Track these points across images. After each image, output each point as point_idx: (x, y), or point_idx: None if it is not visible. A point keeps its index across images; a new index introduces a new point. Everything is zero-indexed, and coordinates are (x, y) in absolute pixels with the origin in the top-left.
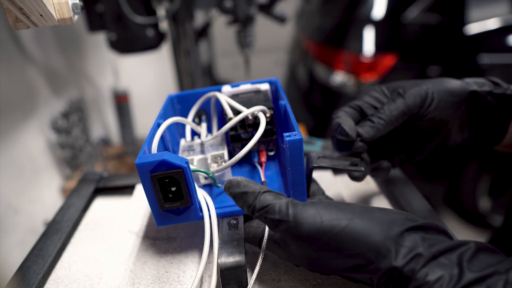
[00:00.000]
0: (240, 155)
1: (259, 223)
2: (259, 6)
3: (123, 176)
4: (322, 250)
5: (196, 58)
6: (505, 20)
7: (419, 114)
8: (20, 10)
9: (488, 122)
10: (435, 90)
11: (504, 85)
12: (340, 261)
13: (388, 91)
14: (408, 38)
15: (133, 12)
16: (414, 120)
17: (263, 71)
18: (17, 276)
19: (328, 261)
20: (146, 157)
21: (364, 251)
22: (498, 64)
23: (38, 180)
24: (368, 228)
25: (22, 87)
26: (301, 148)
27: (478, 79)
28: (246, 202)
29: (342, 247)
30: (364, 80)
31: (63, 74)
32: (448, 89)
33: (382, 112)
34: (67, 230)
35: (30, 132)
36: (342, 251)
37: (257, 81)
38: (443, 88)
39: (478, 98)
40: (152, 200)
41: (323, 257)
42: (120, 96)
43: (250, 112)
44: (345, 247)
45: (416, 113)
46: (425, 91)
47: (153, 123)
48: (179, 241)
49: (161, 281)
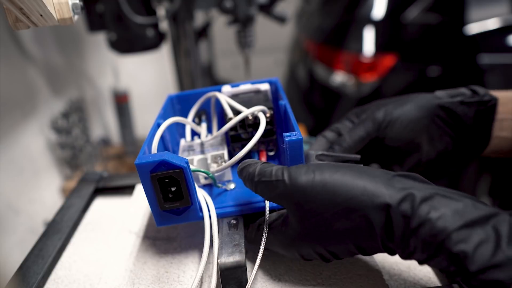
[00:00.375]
0: (240, 155)
1: (260, 221)
2: (259, 6)
3: (123, 176)
4: (319, 207)
5: (196, 58)
6: (505, 20)
7: (380, 136)
8: (20, 10)
9: (465, 132)
10: (394, 111)
11: (482, 91)
12: (339, 222)
13: (357, 115)
14: (408, 38)
15: (133, 12)
16: (380, 141)
17: (263, 71)
18: (17, 276)
19: (327, 225)
20: (146, 157)
21: (357, 195)
22: (498, 64)
23: (38, 180)
24: (359, 176)
25: (22, 87)
26: (301, 148)
27: (454, 90)
28: (247, 172)
29: (336, 197)
30: (364, 80)
31: (63, 74)
32: (410, 107)
33: (342, 140)
34: (67, 230)
35: (30, 132)
36: (337, 201)
37: (257, 81)
38: (405, 107)
39: (447, 110)
40: (152, 200)
41: (321, 220)
42: (120, 96)
43: (250, 112)
44: (339, 196)
45: (377, 136)
46: (381, 115)
47: (153, 123)
48: (179, 241)
49: (161, 281)
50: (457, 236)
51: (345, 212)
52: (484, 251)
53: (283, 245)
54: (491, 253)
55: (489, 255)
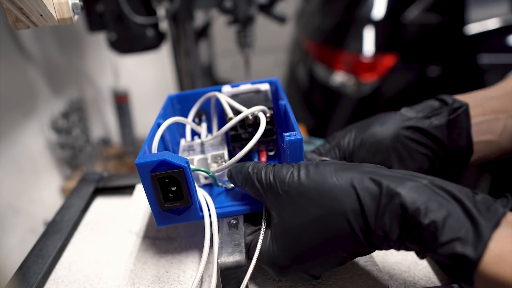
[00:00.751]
0: (240, 155)
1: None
2: (259, 6)
3: (123, 176)
4: (308, 202)
5: (196, 58)
6: (505, 20)
7: (347, 160)
8: (20, 10)
9: (441, 145)
10: (357, 136)
11: (449, 99)
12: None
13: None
14: (408, 38)
15: (133, 12)
16: None
17: (263, 71)
18: (17, 276)
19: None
20: (146, 157)
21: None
22: (498, 64)
23: (38, 180)
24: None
25: (22, 87)
26: (301, 148)
27: (421, 104)
28: (240, 172)
29: (318, 188)
30: (364, 80)
31: (63, 74)
32: (374, 130)
33: None
34: (67, 230)
35: (30, 132)
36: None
37: (257, 81)
38: (369, 131)
39: (414, 128)
40: (152, 200)
41: (308, 215)
42: (120, 96)
43: (250, 112)
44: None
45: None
46: (346, 142)
47: (153, 123)
48: (179, 241)
49: (161, 281)
50: (426, 208)
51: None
52: (453, 223)
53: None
54: (459, 225)
55: (458, 227)
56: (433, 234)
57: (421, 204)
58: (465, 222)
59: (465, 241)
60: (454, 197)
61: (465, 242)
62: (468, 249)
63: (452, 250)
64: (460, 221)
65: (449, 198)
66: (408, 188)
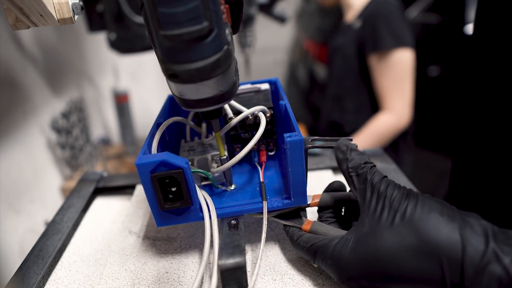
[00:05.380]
0: (240, 155)
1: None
2: (259, 6)
3: (123, 176)
4: None
5: None
6: None
7: None
8: (20, 10)
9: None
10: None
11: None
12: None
13: None
14: None
15: (133, 12)
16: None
17: (263, 71)
18: (17, 277)
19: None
20: (146, 157)
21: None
22: None
23: (38, 180)
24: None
25: (22, 86)
26: (302, 148)
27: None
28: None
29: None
30: None
31: (63, 74)
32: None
33: None
34: (67, 230)
35: (30, 132)
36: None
37: (257, 81)
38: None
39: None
40: (152, 200)
41: None
42: (120, 96)
43: (250, 112)
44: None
45: None
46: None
47: (153, 123)
48: (179, 241)
49: (161, 282)
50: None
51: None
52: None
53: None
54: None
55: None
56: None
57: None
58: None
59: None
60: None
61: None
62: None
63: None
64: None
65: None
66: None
